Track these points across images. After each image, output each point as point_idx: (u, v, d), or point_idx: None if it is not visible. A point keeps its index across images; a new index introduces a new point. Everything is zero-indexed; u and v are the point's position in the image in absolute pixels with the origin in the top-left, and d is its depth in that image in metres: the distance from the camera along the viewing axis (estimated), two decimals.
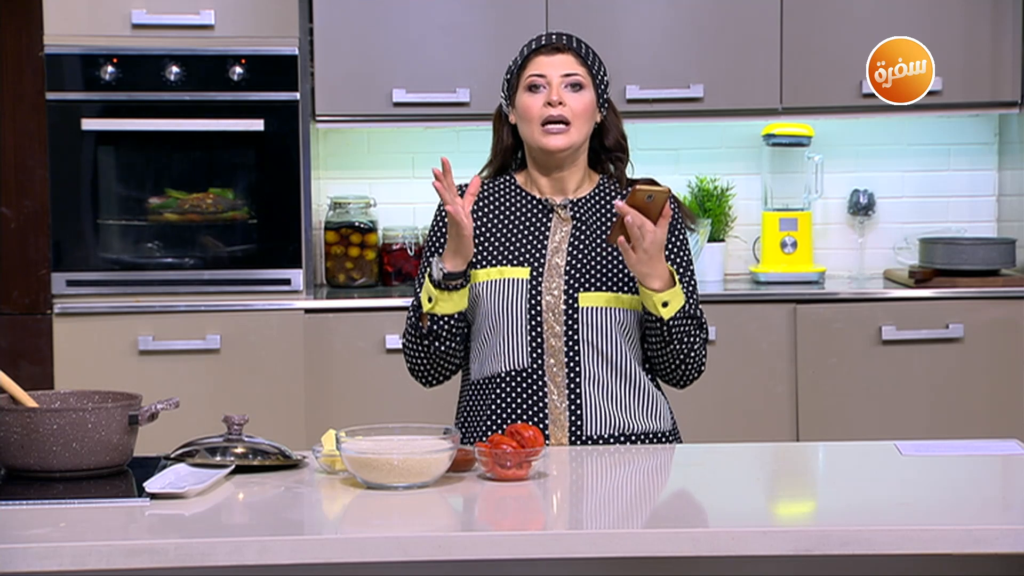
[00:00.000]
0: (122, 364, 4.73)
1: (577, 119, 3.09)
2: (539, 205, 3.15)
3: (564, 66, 3.11)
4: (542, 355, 3.04)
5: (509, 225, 3.13)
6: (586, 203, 3.15)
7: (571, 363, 3.04)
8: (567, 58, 3.12)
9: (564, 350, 3.04)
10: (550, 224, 3.13)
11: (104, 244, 4.82)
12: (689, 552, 2.38)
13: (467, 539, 2.41)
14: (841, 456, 3.13)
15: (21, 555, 2.32)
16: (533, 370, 3.04)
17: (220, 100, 4.78)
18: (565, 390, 3.04)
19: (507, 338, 3.05)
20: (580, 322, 3.03)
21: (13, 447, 2.72)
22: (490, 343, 3.07)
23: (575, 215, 3.13)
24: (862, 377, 4.82)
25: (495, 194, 3.18)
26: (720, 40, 4.93)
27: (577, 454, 3.00)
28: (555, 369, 3.04)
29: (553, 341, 3.04)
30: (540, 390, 3.04)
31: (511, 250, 3.11)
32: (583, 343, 3.03)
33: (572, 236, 3.11)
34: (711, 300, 4.84)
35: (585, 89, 3.11)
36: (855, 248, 5.28)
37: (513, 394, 3.05)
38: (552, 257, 3.08)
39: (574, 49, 3.13)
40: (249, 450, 2.80)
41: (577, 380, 3.04)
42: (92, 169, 4.81)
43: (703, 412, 4.78)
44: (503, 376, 3.06)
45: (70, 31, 4.74)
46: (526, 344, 3.04)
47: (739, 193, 5.25)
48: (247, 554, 2.35)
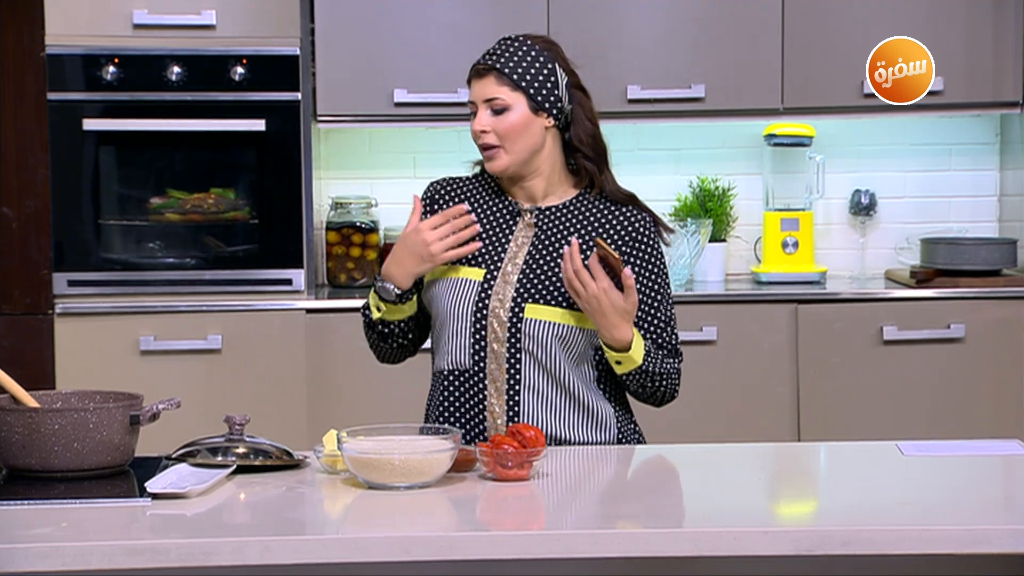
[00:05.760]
0: (123, 364, 4.73)
1: (508, 139, 3.08)
2: (509, 207, 3.15)
3: (485, 91, 3.11)
4: (484, 358, 3.05)
5: (476, 224, 3.14)
6: (554, 213, 3.13)
7: (512, 369, 3.04)
8: (488, 82, 3.11)
9: (506, 356, 3.04)
10: (515, 228, 3.13)
11: (105, 244, 4.82)
12: (691, 552, 2.38)
13: (468, 539, 2.42)
14: (842, 456, 3.13)
15: (23, 555, 2.32)
16: (474, 372, 3.05)
17: (221, 100, 4.78)
18: (504, 395, 3.04)
19: (452, 338, 3.07)
20: (523, 332, 3.04)
21: (15, 447, 2.72)
22: (440, 340, 3.10)
23: (539, 223, 3.12)
24: (864, 377, 4.82)
25: (473, 191, 3.18)
26: (721, 40, 4.93)
27: (578, 454, 3.00)
28: (496, 373, 3.05)
29: (496, 346, 3.04)
30: (480, 392, 3.05)
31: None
32: (524, 352, 3.04)
33: (532, 245, 3.10)
34: (712, 300, 4.84)
35: (510, 110, 3.09)
36: (856, 248, 5.28)
37: (456, 393, 3.07)
38: (507, 264, 3.08)
39: (496, 70, 3.10)
40: (250, 450, 2.80)
41: (517, 387, 3.04)
42: (93, 169, 4.81)
43: (704, 412, 4.78)
44: (446, 373, 3.08)
45: (71, 31, 4.74)
46: (469, 346, 3.05)
47: (740, 193, 5.25)
48: (249, 554, 2.35)
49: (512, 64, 3.10)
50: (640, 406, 3.23)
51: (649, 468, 2.95)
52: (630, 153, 5.27)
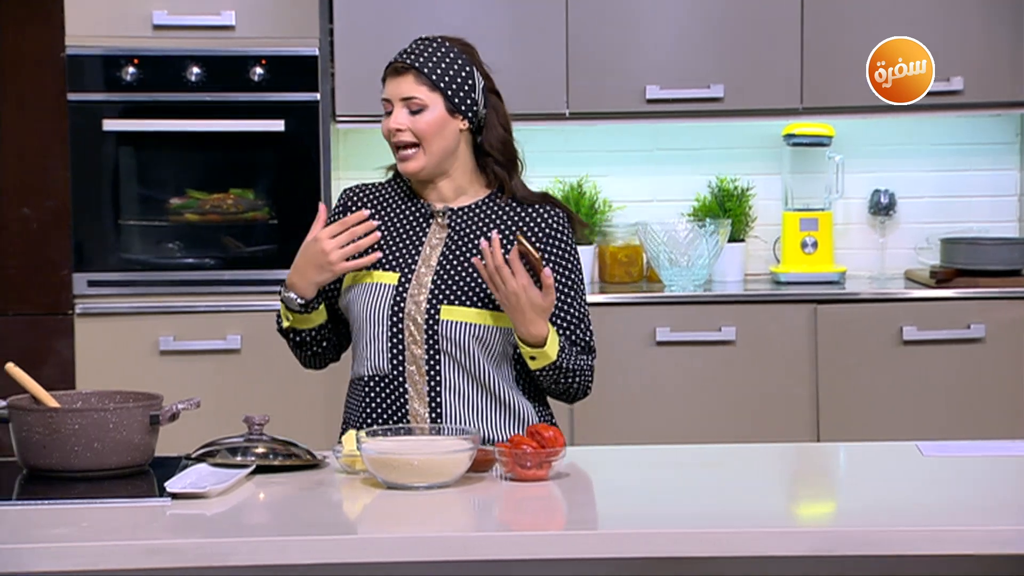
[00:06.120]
0: (143, 364, 4.74)
1: (424, 139, 3.06)
2: (422, 210, 3.14)
3: (403, 89, 3.08)
4: (403, 362, 3.04)
5: (389, 228, 3.12)
6: (466, 213, 3.12)
7: (431, 371, 3.04)
8: (407, 79, 3.08)
9: (425, 358, 3.03)
10: (427, 229, 3.12)
11: (125, 245, 4.83)
12: (709, 553, 2.38)
13: (487, 539, 2.42)
14: (862, 457, 3.13)
15: (43, 554, 2.33)
16: (393, 376, 3.05)
17: (241, 101, 4.79)
18: (425, 397, 3.04)
19: (370, 343, 3.06)
20: (440, 334, 3.03)
21: (35, 447, 2.73)
22: (358, 346, 3.09)
23: (451, 223, 3.11)
24: (883, 378, 4.81)
25: (386, 196, 3.17)
26: (740, 40, 4.92)
27: (597, 454, 3.00)
28: (416, 376, 3.04)
29: (414, 349, 3.04)
30: (401, 396, 3.05)
31: (385, 255, 3.09)
32: (443, 353, 3.03)
33: (445, 246, 3.10)
34: (731, 301, 4.84)
35: (427, 110, 3.07)
36: (876, 248, 5.27)
37: (378, 398, 3.06)
38: (421, 267, 3.08)
39: (416, 69, 3.07)
40: (270, 450, 2.80)
41: (437, 389, 3.04)
42: (113, 170, 4.82)
43: (723, 413, 4.78)
44: (366, 379, 3.07)
45: (91, 32, 4.76)
46: (387, 351, 3.04)
47: (759, 193, 5.25)
48: (267, 554, 2.36)
49: (431, 64, 3.08)
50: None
51: (668, 468, 2.95)
52: (648, 153, 5.27)
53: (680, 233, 4.91)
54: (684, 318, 4.81)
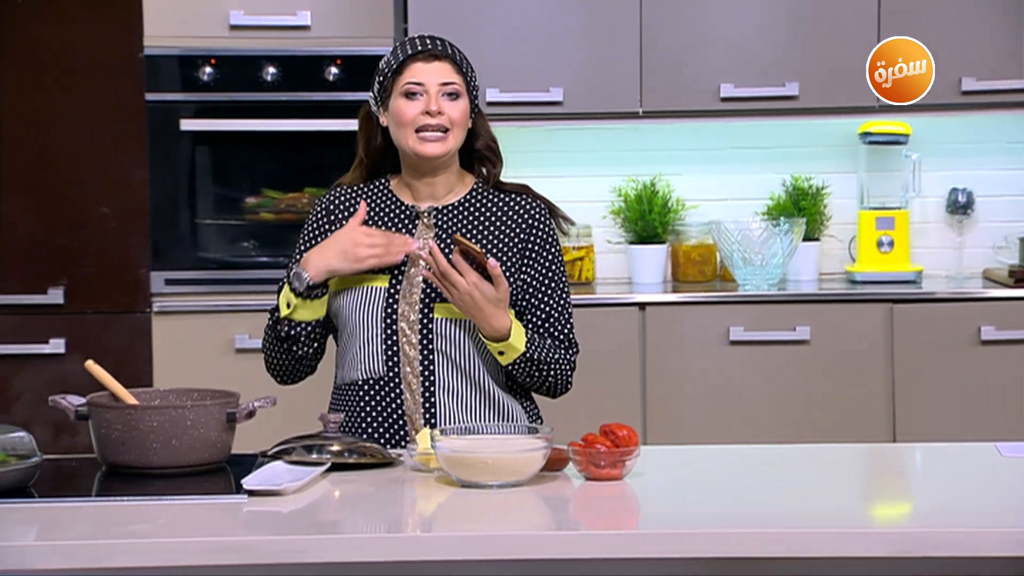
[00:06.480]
0: (219, 362, 4.78)
1: (455, 127, 3.09)
2: (405, 212, 3.14)
3: (442, 74, 3.09)
4: (398, 364, 3.04)
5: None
6: (452, 211, 3.13)
7: (426, 372, 3.04)
8: (444, 66, 3.10)
9: (419, 359, 3.04)
10: (414, 232, 3.12)
11: (201, 243, 4.87)
12: (783, 553, 2.37)
13: (561, 538, 2.42)
14: (939, 457, 3.10)
15: (122, 550, 2.35)
16: (389, 378, 3.05)
17: (316, 100, 4.82)
18: (420, 398, 3.04)
19: (364, 347, 3.06)
20: (434, 332, 3.04)
21: (114, 444, 2.76)
22: (349, 351, 3.09)
23: (438, 223, 3.12)
24: (960, 378, 4.76)
25: (369, 199, 3.16)
26: (815, 37, 4.89)
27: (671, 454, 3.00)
28: (411, 378, 3.05)
29: (408, 350, 3.04)
30: (397, 398, 3.05)
31: None
32: (437, 352, 3.04)
33: None
34: (806, 300, 4.81)
35: (461, 97, 3.10)
36: (953, 247, 5.22)
37: (372, 402, 3.06)
38: (411, 267, 3.08)
39: (450, 56, 3.10)
40: (345, 448, 2.82)
41: (432, 389, 3.04)
42: (189, 169, 4.86)
43: (798, 412, 4.75)
44: (360, 384, 3.07)
45: (169, 32, 4.80)
46: (381, 353, 3.05)
47: (834, 192, 5.21)
48: (342, 552, 2.37)
49: (458, 57, 3.13)
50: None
51: (743, 468, 2.93)
52: (723, 152, 5.25)
53: (754, 232, 4.89)
54: (758, 318, 4.79)
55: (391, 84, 3.11)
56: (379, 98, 3.14)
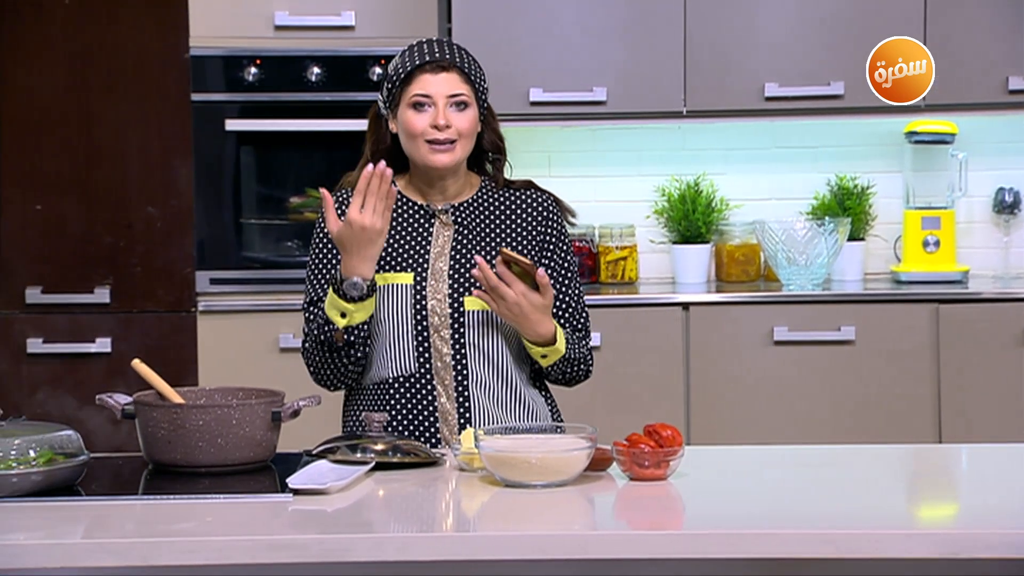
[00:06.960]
0: (264, 361, 4.80)
1: (463, 137, 3.09)
2: (420, 210, 3.14)
3: (450, 86, 3.08)
4: (430, 359, 3.05)
5: (393, 231, 3.12)
6: (467, 208, 3.14)
7: (458, 366, 3.05)
8: (452, 77, 3.09)
9: (451, 353, 3.05)
10: (432, 229, 3.12)
11: (246, 243, 4.89)
12: (828, 554, 2.36)
13: (605, 538, 2.42)
14: (985, 458, 3.08)
15: (168, 548, 2.37)
16: (421, 375, 3.05)
17: (360, 100, 4.83)
18: (454, 392, 3.05)
19: (394, 344, 3.06)
20: (466, 325, 3.05)
21: (160, 442, 2.78)
22: (378, 349, 3.08)
23: (456, 219, 3.13)
24: (1007, 378, 4.73)
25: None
26: (861, 36, 4.86)
27: (715, 454, 2.99)
28: (443, 372, 3.05)
29: (440, 345, 3.05)
30: (430, 393, 3.05)
31: (394, 256, 3.10)
32: (469, 346, 3.05)
33: (455, 240, 3.11)
34: (851, 300, 4.79)
35: (470, 107, 3.10)
36: (1000, 247, 5.19)
37: (404, 399, 3.06)
38: (436, 262, 3.08)
39: (458, 66, 3.10)
40: (389, 447, 2.82)
41: (465, 383, 3.05)
42: (234, 169, 4.89)
43: (843, 413, 4.73)
44: (391, 382, 3.07)
45: (214, 33, 4.83)
46: (413, 349, 3.05)
47: (879, 191, 5.19)
48: (387, 550, 2.38)
49: (467, 65, 3.12)
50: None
51: (788, 468, 2.93)
52: (767, 151, 5.24)
53: (798, 232, 4.88)
54: (802, 317, 4.77)
55: (399, 93, 3.11)
56: (388, 104, 3.15)
